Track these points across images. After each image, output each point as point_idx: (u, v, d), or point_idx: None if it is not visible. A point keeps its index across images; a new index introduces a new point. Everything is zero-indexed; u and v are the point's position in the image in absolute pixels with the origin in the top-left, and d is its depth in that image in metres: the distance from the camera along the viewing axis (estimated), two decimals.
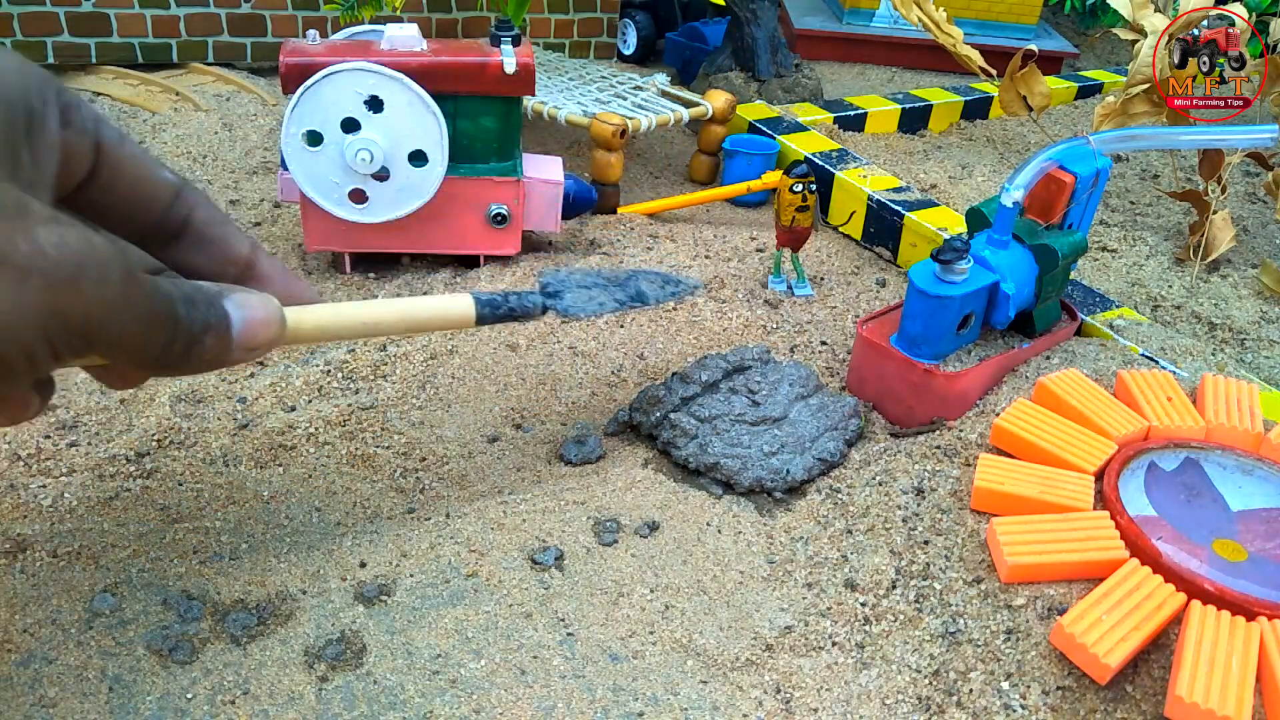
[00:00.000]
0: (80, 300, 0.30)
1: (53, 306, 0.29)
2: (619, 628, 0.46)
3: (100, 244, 0.31)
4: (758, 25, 1.15)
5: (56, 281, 0.29)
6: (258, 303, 0.37)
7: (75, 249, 0.30)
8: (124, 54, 1.08)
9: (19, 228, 0.29)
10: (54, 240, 0.29)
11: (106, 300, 0.31)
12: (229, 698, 0.40)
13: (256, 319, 0.37)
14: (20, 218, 0.29)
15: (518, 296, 0.47)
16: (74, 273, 0.30)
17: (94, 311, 0.31)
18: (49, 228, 0.29)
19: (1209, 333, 0.76)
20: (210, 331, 0.35)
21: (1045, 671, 0.41)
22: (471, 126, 0.70)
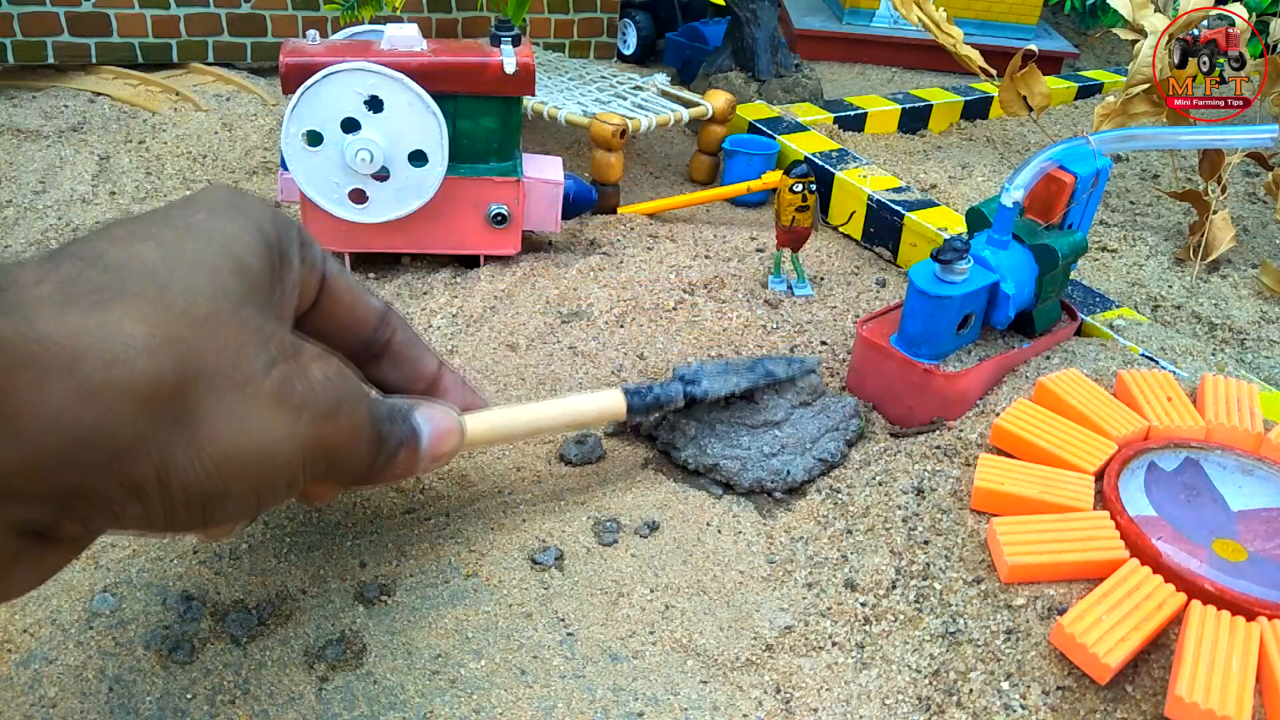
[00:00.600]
0: (336, 430, 0.33)
1: (317, 438, 0.32)
2: (619, 628, 0.46)
3: (350, 375, 0.34)
4: (758, 25, 1.15)
5: (321, 415, 0.32)
6: (442, 416, 0.40)
7: (337, 384, 0.33)
8: (124, 54, 1.08)
9: (296, 368, 0.32)
10: (320, 377, 0.33)
11: (350, 431, 0.34)
12: (229, 698, 0.40)
13: (441, 431, 0.40)
14: (296, 357, 0.32)
15: (662, 387, 0.53)
16: (335, 406, 0.33)
17: (343, 440, 0.34)
18: (317, 364, 0.33)
19: (1209, 333, 0.76)
20: (404, 447, 0.38)
21: (1045, 671, 0.41)
22: (471, 126, 0.70)
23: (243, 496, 0.31)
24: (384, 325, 0.42)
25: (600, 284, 0.74)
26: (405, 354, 0.43)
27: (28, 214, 0.81)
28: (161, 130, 0.98)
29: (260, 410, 0.30)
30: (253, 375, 0.30)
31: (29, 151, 0.91)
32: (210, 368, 0.29)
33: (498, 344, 0.67)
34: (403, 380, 0.43)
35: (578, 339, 0.68)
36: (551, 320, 0.69)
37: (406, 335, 0.43)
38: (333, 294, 0.39)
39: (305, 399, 0.32)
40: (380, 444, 0.36)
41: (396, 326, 0.43)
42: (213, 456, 0.29)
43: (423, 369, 0.44)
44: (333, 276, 0.39)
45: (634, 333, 0.69)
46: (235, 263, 0.32)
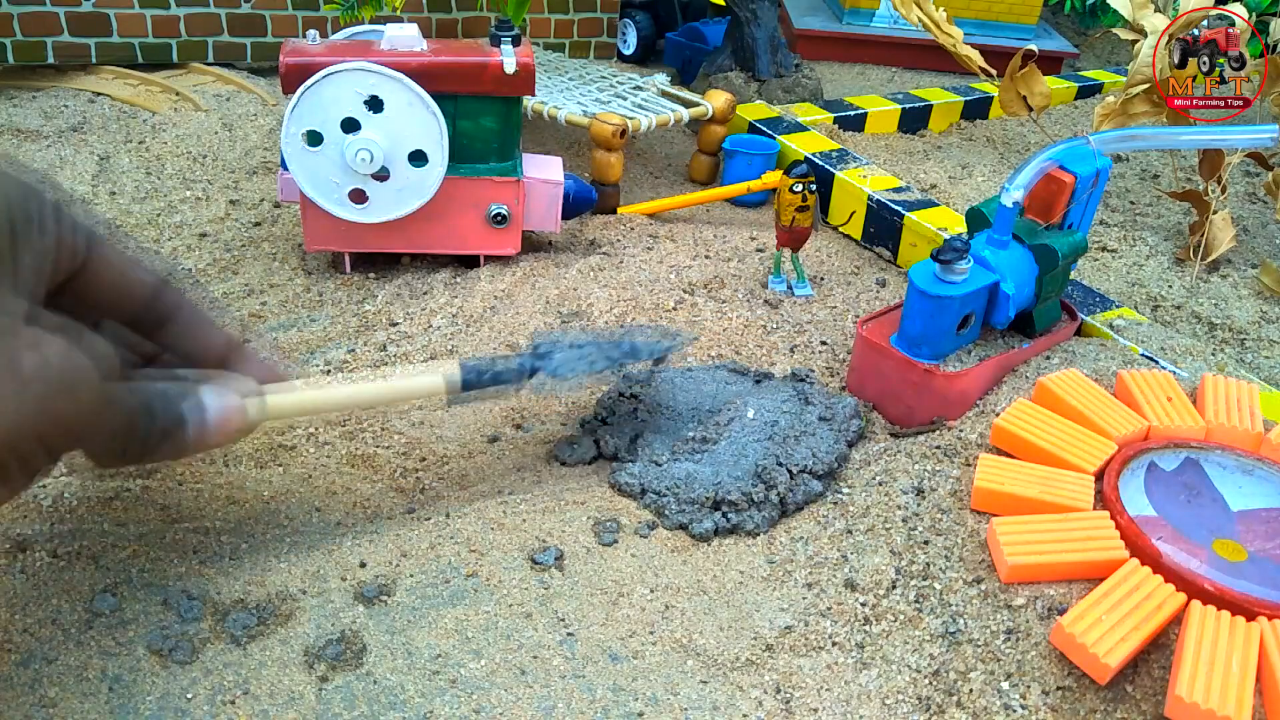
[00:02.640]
0: (75, 405, 0.34)
1: (49, 411, 0.33)
2: (619, 628, 0.46)
3: (83, 357, 0.35)
4: (758, 25, 1.15)
5: (54, 389, 0.33)
6: (227, 393, 0.41)
7: (74, 358, 0.34)
8: (124, 54, 1.08)
9: (26, 341, 0.32)
10: (56, 350, 0.33)
11: (93, 406, 0.35)
12: (229, 698, 0.40)
13: (226, 406, 0.41)
14: (27, 332, 0.32)
15: (504, 360, 0.50)
16: (72, 380, 0.34)
17: (82, 416, 0.35)
18: (55, 342, 0.33)
19: (1209, 333, 0.76)
20: (180, 425, 0.39)
21: (1045, 671, 0.41)
22: (471, 126, 0.70)
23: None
24: (161, 297, 0.42)
25: (600, 284, 0.74)
26: (189, 326, 0.43)
27: None
28: (161, 130, 0.98)
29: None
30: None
31: (29, 151, 0.91)
32: None
33: (498, 344, 0.67)
34: (194, 349, 0.43)
35: (577, 339, 0.68)
36: (551, 320, 0.69)
37: (191, 310, 0.43)
38: (97, 267, 0.39)
39: (36, 372, 0.32)
40: (148, 421, 0.37)
41: (178, 297, 0.43)
42: None
43: (210, 341, 0.44)
44: (99, 246, 0.39)
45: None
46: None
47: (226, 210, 0.85)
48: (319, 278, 0.74)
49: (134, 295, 0.41)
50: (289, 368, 0.51)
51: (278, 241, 0.80)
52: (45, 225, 0.35)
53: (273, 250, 0.78)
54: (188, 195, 0.87)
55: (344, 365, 0.63)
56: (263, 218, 0.84)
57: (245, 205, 0.86)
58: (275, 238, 0.80)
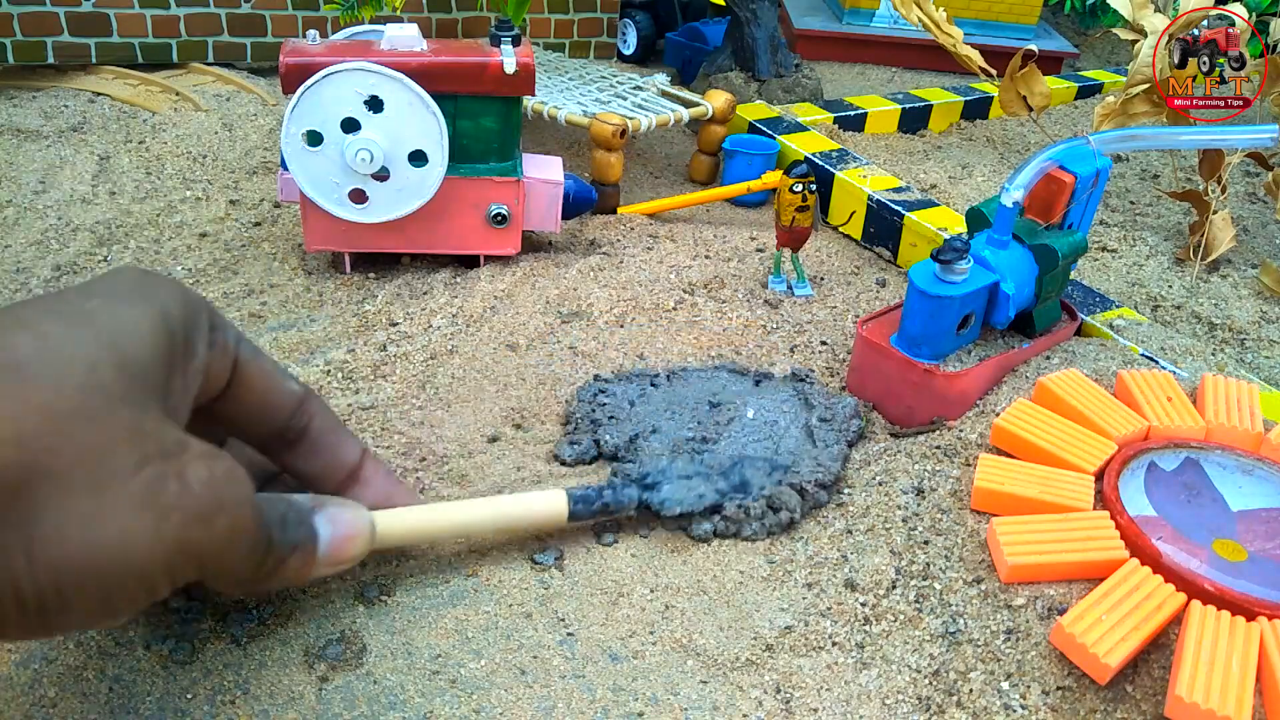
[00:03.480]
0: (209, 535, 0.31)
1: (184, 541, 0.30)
2: (619, 628, 0.46)
3: (238, 477, 0.33)
4: (758, 25, 1.15)
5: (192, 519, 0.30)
6: (348, 519, 0.39)
7: (218, 486, 0.31)
8: (124, 54, 1.08)
9: (173, 468, 0.30)
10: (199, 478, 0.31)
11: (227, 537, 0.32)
12: (229, 698, 0.40)
13: (344, 536, 0.38)
14: (177, 456, 0.31)
15: (612, 491, 0.49)
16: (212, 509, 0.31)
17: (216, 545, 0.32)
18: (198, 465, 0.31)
19: (1209, 333, 0.76)
20: (298, 552, 0.36)
21: (1045, 671, 0.41)
22: (471, 126, 0.70)
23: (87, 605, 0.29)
24: (300, 412, 0.40)
25: (600, 284, 0.74)
26: (323, 441, 0.41)
27: (28, 214, 0.81)
28: (161, 130, 0.98)
29: (119, 513, 0.29)
30: (116, 476, 0.29)
31: (29, 151, 0.91)
32: (64, 467, 0.28)
33: (498, 344, 0.67)
34: (320, 469, 0.42)
35: (578, 339, 0.68)
36: (551, 320, 0.69)
37: (326, 422, 0.41)
38: (245, 379, 0.37)
39: (176, 501, 0.30)
40: (268, 548, 0.35)
41: (315, 413, 0.41)
42: (51, 563, 0.28)
43: (341, 458, 0.42)
44: (245, 361, 0.37)
45: (634, 333, 0.69)
46: (119, 356, 0.30)
47: (226, 210, 0.85)
48: (319, 278, 0.74)
49: (275, 413, 0.39)
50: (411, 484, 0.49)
51: (278, 241, 0.80)
52: (197, 348, 0.34)
53: (273, 250, 0.78)
54: (188, 195, 0.87)
55: (344, 365, 0.63)
56: (263, 218, 0.84)
57: (245, 205, 0.86)
58: (275, 238, 0.80)
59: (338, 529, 0.38)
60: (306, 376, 0.61)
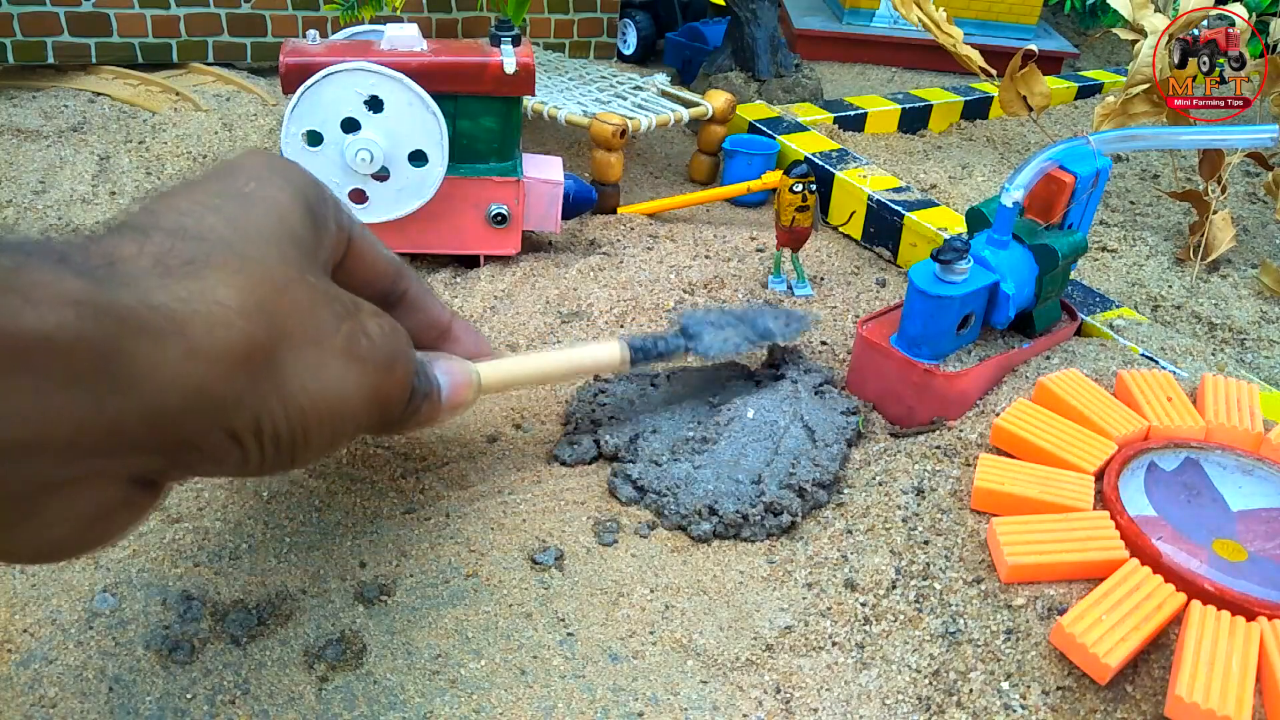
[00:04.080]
0: (391, 381, 0.36)
1: (377, 387, 0.35)
2: (619, 628, 0.46)
3: (400, 330, 0.37)
4: (758, 25, 1.15)
5: (380, 367, 0.36)
6: (459, 369, 0.44)
7: (391, 338, 0.36)
8: (124, 54, 1.08)
9: (358, 325, 0.35)
10: (377, 332, 0.36)
11: (404, 382, 0.37)
12: (229, 698, 0.40)
13: (459, 383, 0.43)
14: (357, 314, 0.35)
15: (664, 340, 0.55)
16: (391, 359, 0.36)
17: (396, 390, 0.37)
18: (374, 321, 0.36)
19: (1209, 333, 0.76)
20: (427, 399, 0.41)
21: (1045, 671, 0.41)
22: (471, 126, 0.70)
23: (320, 440, 0.34)
24: (401, 278, 0.45)
25: (600, 284, 0.74)
26: (420, 303, 0.46)
27: (28, 214, 0.81)
28: (161, 130, 0.98)
29: (333, 364, 0.33)
30: (326, 333, 0.33)
31: (29, 151, 0.91)
32: (292, 328, 0.32)
33: (498, 344, 0.67)
34: (416, 328, 0.45)
35: (578, 339, 0.68)
36: (551, 320, 0.69)
37: (420, 287, 0.46)
38: (358, 251, 0.41)
39: (368, 352, 0.35)
40: (413, 392, 0.39)
41: (411, 278, 0.46)
42: (298, 407, 0.32)
43: (435, 317, 0.47)
44: (357, 234, 0.42)
45: (633, 331, 0.69)
46: (290, 232, 0.34)
47: None
48: None
49: (382, 279, 0.44)
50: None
51: None
52: (329, 222, 0.38)
53: None
54: None
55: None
56: None
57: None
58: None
59: (453, 377, 0.43)
60: None
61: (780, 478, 0.53)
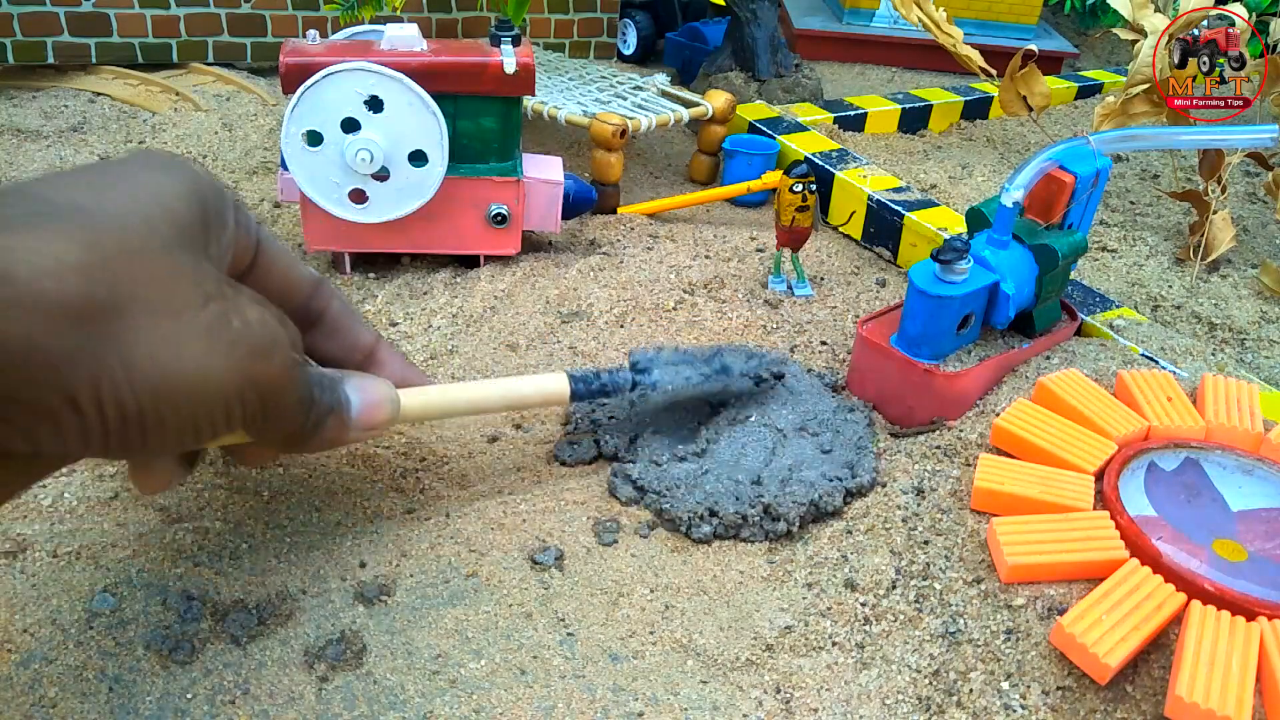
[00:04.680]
0: (270, 370, 0.34)
1: (251, 374, 0.34)
2: (619, 628, 0.46)
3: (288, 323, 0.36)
4: (758, 25, 1.15)
5: (255, 352, 0.34)
6: (374, 388, 0.42)
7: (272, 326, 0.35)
8: (124, 54, 1.08)
9: (233, 306, 0.33)
10: (257, 318, 0.34)
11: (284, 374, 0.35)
12: (229, 698, 0.40)
13: (373, 402, 0.42)
14: (234, 298, 0.34)
15: (610, 374, 0.52)
16: (269, 346, 0.34)
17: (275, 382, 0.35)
18: (254, 307, 0.34)
19: (1209, 333, 0.76)
20: (333, 413, 0.39)
21: (1045, 671, 0.41)
22: (471, 126, 0.70)
23: (179, 424, 0.32)
24: (318, 295, 0.43)
25: (600, 284, 0.74)
26: (340, 324, 0.44)
27: None
28: (161, 130, 0.98)
29: (196, 339, 0.31)
30: (188, 306, 0.31)
31: (29, 151, 0.91)
32: (145, 295, 0.30)
33: (498, 344, 0.67)
34: (338, 350, 0.44)
35: (578, 339, 0.68)
36: (551, 320, 0.69)
37: (342, 307, 0.44)
38: (267, 260, 0.40)
39: (240, 335, 0.33)
40: (310, 405, 0.38)
41: (332, 297, 0.44)
42: (147, 378, 0.30)
43: (358, 340, 0.45)
44: (266, 243, 0.40)
45: (634, 333, 0.69)
46: (168, 211, 0.33)
47: None
48: None
49: (295, 294, 0.42)
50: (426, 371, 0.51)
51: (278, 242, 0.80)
52: (227, 219, 0.37)
53: None
54: None
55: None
56: (263, 218, 0.84)
57: (245, 205, 0.86)
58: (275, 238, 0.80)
59: (366, 396, 0.41)
60: None
61: (780, 481, 0.53)
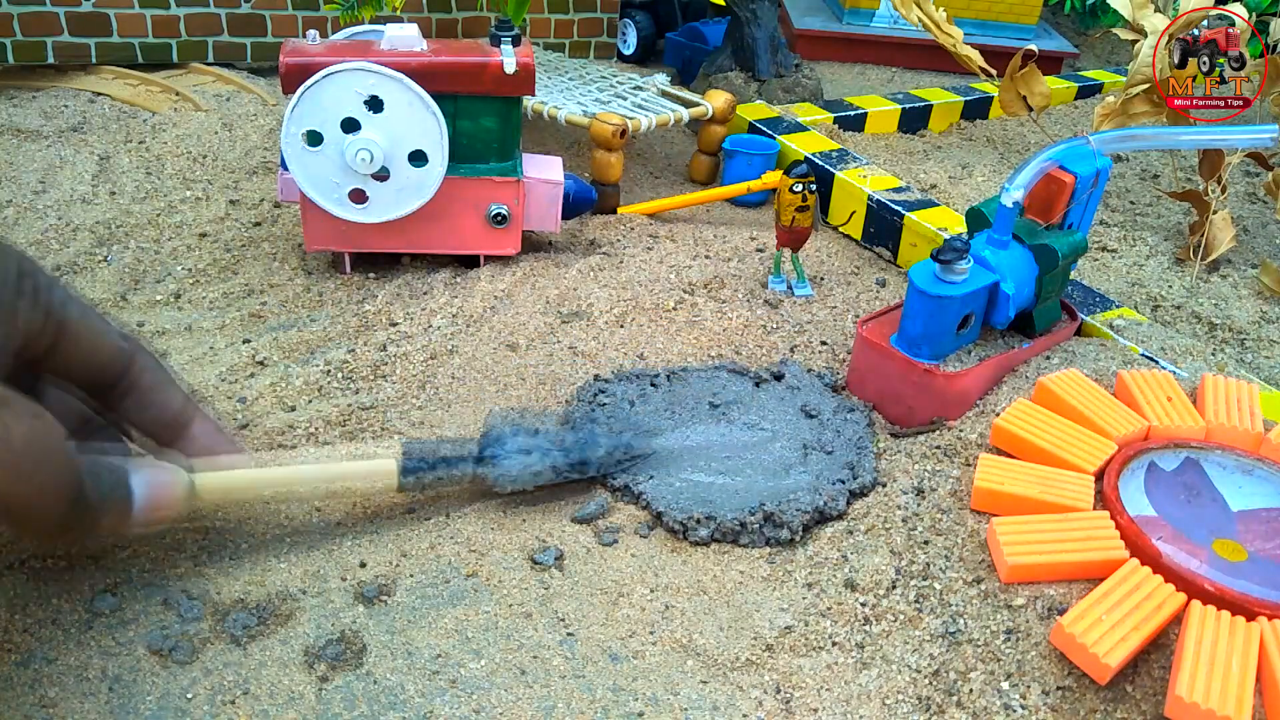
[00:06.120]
0: (25, 487, 0.33)
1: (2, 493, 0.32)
2: (619, 628, 0.46)
3: (55, 434, 0.34)
4: (758, 25, 1.15)
5: (10, 472, 0.32)
6: (161, 478, 0.40)
7: (37, 441, 0.33)
8: (124, 54, 1.08)
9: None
10: (23, 434, 0.32)
11: (42, 487, 0.34)
12: (229, 698, 0.40)
13: (158, 492, 0.40)
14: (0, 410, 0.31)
15: (445, 464, 0.49)
16: (30, 466, 0.32)
17: (30, 497, 0.33)
18: (21, 421, 0.32)
19: (1209, 333, 0.76)
20: (112, 509, 0.38)
21: (1045, 671, 0.41)
22: (471, 126, 0.70)
23: None
24: (118, 360, 0.42)
25: (600, 284, 0.74)
26: (150, 396, 0.43)
27: (28, 214, 0.81)
28: (161, 130, 0.98)
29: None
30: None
31: (29, 151, 0.91)
32: None
33: (498, 344, 0.67)
34: (147, 420, 0.43)
35: (578, 339, 0.68)
36: (551, 320, 0.69)
37: (154, 377, 0.43)
38: (72, 338, 0.39)
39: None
40: (82, 505, 0.36)
41: (144, 369, 0.42)
42: None
43: (166, 404, 0.43)
44: (71, 321, 0.39)
45: (634, 333, 0.69)
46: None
47: (226, 210, 0.85)
48: (319, 278, 0.74)
49: (105, 369, 0.41)
50: (237, 439, 0.49)
51: (278, 241, 0.80)
52: (17, 308, 0.35)
53: (273, 250, 0.78)
54: (188, 195, 0.87)
55: (344, 365, 0.63)
56: (263, 218, 0.84)
57: (245, 205, 0.86)
58: (275, 238, 0.80)
59: (152, 488, 0.40)
60: (306, 376, 0.61)
61: (780, 487, 0.53)
